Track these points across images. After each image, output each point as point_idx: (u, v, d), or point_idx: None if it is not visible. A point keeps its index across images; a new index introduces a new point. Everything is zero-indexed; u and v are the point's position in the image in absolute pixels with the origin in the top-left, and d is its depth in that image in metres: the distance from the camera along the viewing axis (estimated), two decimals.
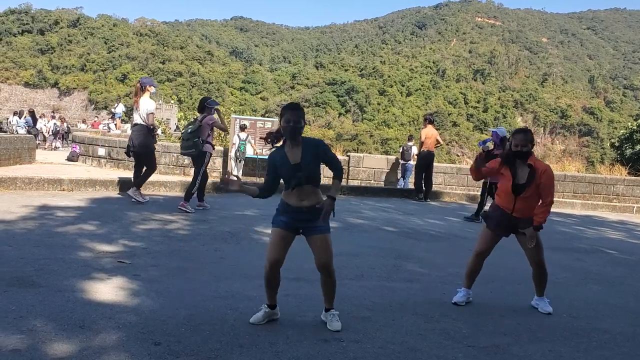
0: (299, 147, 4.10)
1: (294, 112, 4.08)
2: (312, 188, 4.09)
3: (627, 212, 15.46)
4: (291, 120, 4.03)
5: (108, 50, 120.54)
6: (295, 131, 4.05)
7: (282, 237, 4.11)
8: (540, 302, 5.20)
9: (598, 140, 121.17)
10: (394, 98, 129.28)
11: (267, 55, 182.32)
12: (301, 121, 4.08)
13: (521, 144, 4.93)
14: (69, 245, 6.13)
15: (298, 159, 4.06)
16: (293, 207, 4.09)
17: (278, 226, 4.14)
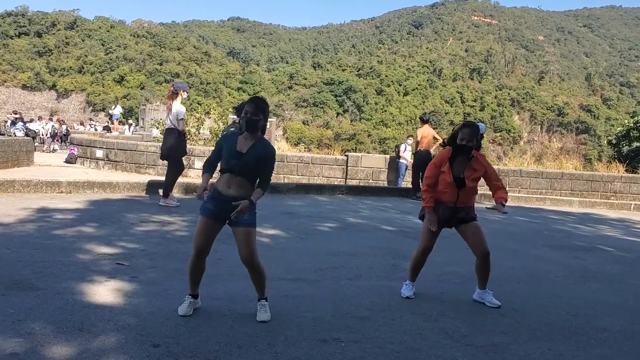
0: (253, 140, 4.18)
1: (253, 104, 4.17)
2: (243, 181, 4.15)
3: (624, 210, 15.49)
4: (248, 112, 4.14)
5: (105, 52, 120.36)
6: (250, 123, 4.14)
7: (208, 226, 4.23)
8: (485, 296, 5.20)
9: (595, 137, 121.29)
10: (392, 97, 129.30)
11: (264, 55, 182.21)
12: (259, 114, 4.14)
13: (467, 138, 4.95)
14: (67, 247, 6.12)
15: (244, 149, 4.14)
16: (220, 194, 4.18)
17: (205, 215, 4.24)
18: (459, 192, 5.03)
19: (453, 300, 5.27)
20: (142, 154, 15.13)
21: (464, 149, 4.98)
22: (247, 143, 4.17)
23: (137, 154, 15.17)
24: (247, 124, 4.15)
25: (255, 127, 4.17)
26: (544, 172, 17.46)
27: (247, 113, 4.14)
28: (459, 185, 5.01)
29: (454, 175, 5.01)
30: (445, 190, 5.08)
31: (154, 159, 15.01)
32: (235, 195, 4.13)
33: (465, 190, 5.04)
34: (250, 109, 4.14)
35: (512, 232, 9.47)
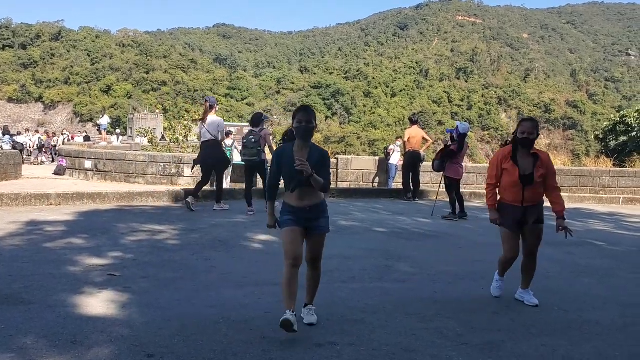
0: (307, 150, 4.21)
1: (306, 113, 4.21)
2: (311, 189, 4.19)
3: (614, 204, 15.59)
4: (303, 120, 4.17)
5: (91, 62, 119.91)
6: (307, 131, 4.19)
7: (296, 233, 4.19)
8: (526, 295, 5.25)
9: (582, 133, 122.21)
10: (379, 99, 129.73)
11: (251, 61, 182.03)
12: (313, 122, 4.21)
13: (528, 131, 4.99)
14: (58, 260, 6.08)
15: (304, 159, 4.11)
16: (296, 207, 4.21)
17: (288, 225, 4.21)
18: (524, 191, 5.02)
19: (447, 300, 5.28)
20: (131, 164, 15.08)
21: (526, 142, 5.01)
22: (304, 153, 4.19)
23: (126, 164, 15.11)
24: (305, 133, 4.20)
25: (312, 135, 4.25)
26: None
27: (301, 122, 4.17)
28: (525, 183, 5.00)
29: (520, 172, 5.01)
30: (509, 189, 5.09)
31: (143, 168, 14.97)
32: (311, 205, 4.24)
33: (532, 188, 5.03)
34: (304, 118, 4.18)
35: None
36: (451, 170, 10.86)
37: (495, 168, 5.17)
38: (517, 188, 5.02)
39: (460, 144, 10.83)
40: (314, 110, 4.34)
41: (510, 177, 5.03)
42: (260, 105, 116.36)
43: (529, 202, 5.04)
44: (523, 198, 5.03)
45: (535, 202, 5.08)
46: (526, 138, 5.00)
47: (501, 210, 5.20)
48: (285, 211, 4.28)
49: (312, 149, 4.24)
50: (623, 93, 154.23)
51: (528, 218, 5.10)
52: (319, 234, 4.31)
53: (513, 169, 5.02)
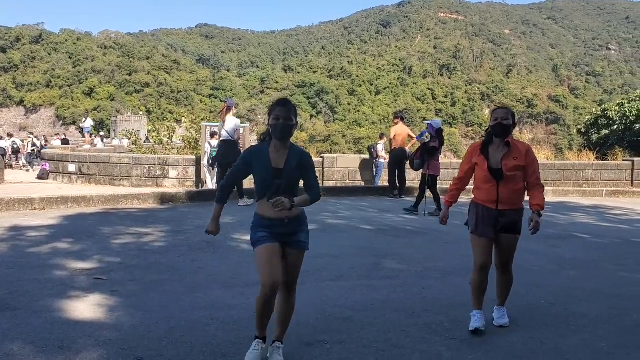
0: (285, 151, 3.59)
1: (284, 108, 3.55)
2: (290, 198, 3.51)
3: (597, 196, 15.75)
4: (281, 117, 3.51)
5: (73, 65, 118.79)
6: (286, 130, 3.53)
7: (272, 251, 3.52)
8: (496, 312, 4.56)
9: (565, 127, 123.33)
10: (364, 97, 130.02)
11: (234, 61, 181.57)
12: (292, 118, 3.56)
13: (501, 117, 4.32)
14: (43, 265, 6.02)
15: (281, 164, 3.55)
16: (272, 219, 3.55)
17: (263, 242, 3.54)
18: (498, 189, 4.30)
19: (435, 296, 5.31)
20: (115, 166, 14.97)
21: (499, 128, 4.33)
22: (281, 155, 3.57)
23: (111, 166, 15.00)
24: (283, 132, 3.53)
25: (291, 133, 3.59)
26: None
27: (279, 118, 3.51)
28: (497, 177, 4.30)
29: (490, 166, 4.34)
30: (482, 186, 4.40)
31: (128, 171, 14.87)
32: (290, 217, 3.57)
33: (507, 185, 4.28)
34: (282, 114, 3.52)
35: None
36: (433, 167, 10.94)
37: (466, 162, 4.57)
38: (490, 185, 4.31)
39: (440, 139, 10.92)
40: (294, 105, 3.68)
41: (480, 171, 4.39)
42: (244, 105, 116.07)
43: (505, 203, 4.30)
44: (498, 198, 4.30)
45: (513, 206, 4.34)
46: (499, 124, 4.30)
47: (472, 212, 4.51)
48: (258, 225, 3.59)
49: (292, 151, 3.61)
50: (604, 87, 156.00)
51: (503, 224, 4.36)
52: (298, 250, 3.64)
53: (482, 161, 4.38)
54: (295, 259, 3.66)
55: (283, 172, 3.54)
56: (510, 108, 4.53)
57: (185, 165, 15.06)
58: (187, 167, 15.03)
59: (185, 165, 15.06)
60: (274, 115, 3.54)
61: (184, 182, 14.92)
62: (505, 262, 4.48)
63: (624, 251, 7.85)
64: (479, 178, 4.45)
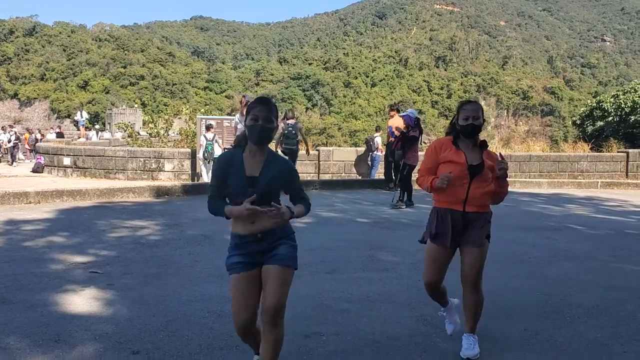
0: (262, 157, 3.08)
1: (265, 107, 3.05)
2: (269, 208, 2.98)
3: (592, 188, 15.81)
4: (260, 117, 3.01)
5: (67, 57, 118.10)
6: (264, 132, 3.02)
7: (246, 282, 3.04)
8: (465, 340, 3.83)
9: (560, 119, 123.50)
10: (359, 89, 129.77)
11: (229, 53, 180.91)
12: (273, 120, 3.05)
13: (472, 115, 3.78)
14: (39, 258, 6.01)
15: (256, 171, 3.03)
16: (245, 237, 3.05)
17: (237, 271, 3.06)
18: (470, 187, 3.74)
19: None
20: (110, 159, 14.94)
21: (471, 128, 3.78)
22: (257, 161, 3.06)
23: (106, 160, 14.97)
24: (261, 135, 3.02)
25: (270, 137, 3.10)
26: (513, 155, 17.74)
27: (257, 119, 3.01)
28: (474, 174, 3.74)
29: (468, 161, 3.77)
30: (451, 183, 3.72)
31: (123, 164, 14.84)
32: (266, 230, 3.03)
33: (480, 185, 3.74)
34: (262, 114, 3.01)
35: None
36: (412, 157, 10.93)
37: (430, 160, 3.91)
38: (462, 182, 3.73)
39: (419, 128, 10.95)
40: (275, 105, 3.16)
41: (454, 167, 3.73)
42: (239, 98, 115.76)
43: (472, 205, 3.75)
44: (467, 198, 3.74)
45: (480, 209, 3.79)
46: (470, 124, 3.77)
47: (432, 219, 3.90)
48: (231, 247, 3.12)
49: (270, 159, 3.09)
50: (599, 79, 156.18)
51: (469, 229, 3.79)
52: (278, 267, 3.00)
53: (458, 156, 3.78)
54: (275, 277, 2.99)
55: (258, 180, 3.01)
56: (479, 102, 4.04)
57: (180, 159, 15.04)
58: (182, 160, 15.01)
59: (180, 159, 15.04)
60: (252, 115, 3.03)
61: (179, 175, 14.91)
62: (474, 277, 3.81)
63: (619, 242, 7.89)
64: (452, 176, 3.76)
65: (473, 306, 3.86)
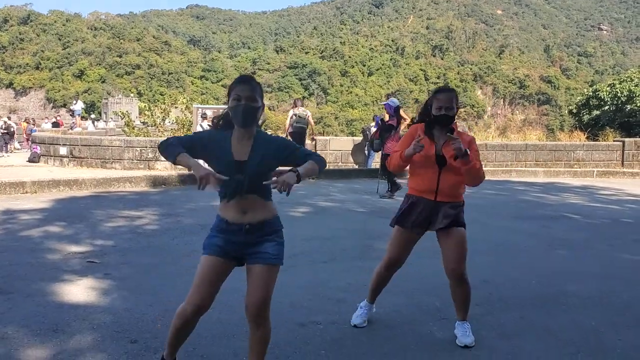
0: (250, 139, 2.85)
1: (247, 85, 2.81)
2: (258, 199, 2.86)
3: (588, 177, 15.86)
4: (242, 96, 2.77)
5: (63, 46, 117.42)
6: (248, 112, 2.78)
7: (214, 269, 2.90)
8: (458, 329, 3.90)
9: (556, 108, 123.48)
10: (356, 79, 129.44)
11: (225, 42, 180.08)
12: (257, 99, 2.82)
13: (445, 105, 3.70)
14: (35, 248, 6.02)
15: (245, 155, 2.81)
16: (233, 225, 2.88)
17: (210, 252, 2.92)
18: (440, 177, 3.73)
19: (426, 276, 5.36)
20: (107, 149, 14.90)
21: (444, 119, 3.71)
22: (245, 145, 2.84)
23: (102, 149, 14.93)
24: (245, 115, 2.78)
25: (255, 118, 2.84)
26: (509, 144, 17.77)
27: (239, 98, 2.77)
28: (442, 164, 3.71)
29: (437, 151, 3.74)
30: (422, 171, 3.78)
31: (120, 153, 14.81)
32: (255, 223, 2.86)
33: (450, 176, 3.72)
34: (244, 93, 2.78)
35: (479, 205, 9.63)
36: (392, 146, 10.86)
37: (404, 144, 3.81)
38: (432, 171, 3.73)
39: (398, 117, 10.90)
40: (259, 83, 2.91)
41: (424, 155, 3.69)
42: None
43: (444, 195, 3.75)
44: (437, 188, 3.73)
45: (452, 198, 3.79)
46: (443, 115, 3.70)
47: (404, 203, 3.93)
48: (215, 228, 2.97)
49: (258, 140, 2.86)
50: (595, 67, 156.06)
51: (440, 218, 3.80)
52: (263, 266, 2.86)
53: (429, 145, 3.70)
54: (260, 276, 2.86)
55: (247, 165, 2.79)
56: (453, 90, 3.90)
57: None
58: None
59: None
60: (234, 95, 2.79)
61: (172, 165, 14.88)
62: (458, 267, 3.81)
63: (614, 231, 7.92)
64: (418, 163, 3.79)
65: (461, 296, 3.89)
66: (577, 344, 3.83)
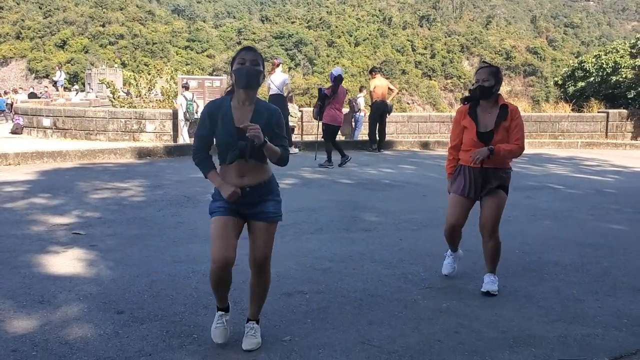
0: (251, 106, 3.10)
1: (250, 52, 3.10)
2: (257, 164, 3.10)
3: (572, 148, 15.99)
4: (247, 60, 3.04)
5: (44, 15, 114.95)
6: (252, 75, 3.03)
7: (227, 226, 3.11)
8: (486, 278, 4.30)
9: (542, 79, 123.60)
10: (343, 49, 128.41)
11: (210, 11, 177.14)
12: (259, 63, 3.09)
13: (482, 78, 4.13)
14: (20, 220, 5.98)
15: (246, 121, 3.03)
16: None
17: (220, 214, 3.13)
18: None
19: (411, 247, 5.41)
20: (91, 120, 14.75)
21: (480, 90, 4.13)
22: (246, 111, 3.08)
23: (86, 121, 14.78)
24: (249, 77, 3.02)
25: (258, 81, 3.10)
26: None
27: (244, 62, 3.03)
28: (485, 141, 4.12)
29: (479, 130, 4.17)
30: (468, 149, 4.20)
31: (104, 125, 14.67)
32: (254, 185, 3.12)
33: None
34: (247, 57, 3.04)
35: None
36: (327, 116, 10.81)
37: (456, 127, 4.36)
38: (477, 148, 4.14)
39: (334, 88, 10.80)
40: (260, 54, 3.19)
41: (468, 135, 4.21)
42: (220, 57, 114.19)
43: (489, 163, 4.14)
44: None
45: (498, 164, 4.20)
46: (480, 86, 4.13)
47: (460, 174, 4.33)
48: (217, 194, 3.17)
49: (259, 107, 3.11)
50: (582, 39, 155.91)
51: (488, 182, 4.23)
52: (266, 223, 3.15)
53: (471, 125, 4.20)
54: (262, 233, 3.16)
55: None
56: (493, 66, 4.27)
57: (162, 119, 14.88)
58: (164, 121, 14.86)
59: (162, 119, 14.88)
60: (239, 59, 3.05)
61: (161, 136, 14.78)
62: (491, 226, 4.22)
63: (597, 201, 8.03)
64: (467, 141, 4.25)
65: (491, 250, 4.30)
66: (558, 311, 3.91)
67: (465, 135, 4.27)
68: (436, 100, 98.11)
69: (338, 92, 10.75)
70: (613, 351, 3.31)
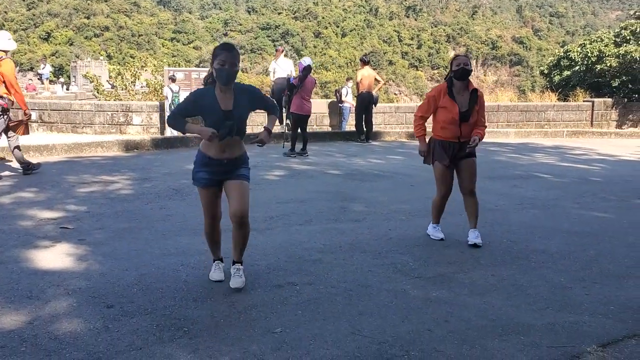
0: (231, 92, 3.78)
1: (230, 53, 3.68)
2: (237, 139, 3.82)
3: (558, 137, 16.09)
4: (226, 62, 3.64)
5: (27, 7, 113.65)
6: (231, 75, 3.69)
7: (211, 195, 3.92)
8: (470, 234, 5.18)
9: (528, 69, 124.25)
10: (330, 40, 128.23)
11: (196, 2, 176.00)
12: (237, 64, 3.70)
13: (463, 62, 4.95)
14: (6, 215, 5.93)
15: (230, 105, 3.75)
16: (212, 158, 3.81)
17: (202, 185, 3.89)
18: (461, 127, 5.01)
19: (400, 237, 5.44)
20: (77, 113, 14.62)
21: (462, 72, 4.94)
22: (227, 97, 3.76)
23: (72, 114, 14.64)
24: (229, 77, 3.69)
25: (234, 79, 3.76)
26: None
27: (224, 63, 3.64)
28: (463, 120, 4.99)
29: (461, 110, 4.98)
30: (447, 126, 5.04)
31: (90, 118, 14.55)
32: (232, 158, 3.83)
33: (468, 124, 5.02)
34: (228, 59, 3.64)
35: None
36: (294, 105, 10.88)
37: (431, 103, 5.12)
38: (455, 125, 5.00)
39: (301, 77, 10.85)
40: (238, 50, 3.84)
41: (449, 114, 5.01)
42: (207, 49, 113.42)
43: (465, 137, 5.05)
44: (460, 134, 5.03)
45: (468, 137, 5.06)
46: (462, 68, 4.93)
47: (436, 148, 5.16)
48: (199, 163, 3.87)
49: (237, 92, 3.80)
50: (567, 28, 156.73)
51: (462, 151, 5.09)
52: (240, 180, 3.85)
53: (452, 105, 5.00)
54: (238, 188, 3.82)
55: (233, 113, 3.73)
56: (468, 55, 5.23)
57: (149, 112, 14.79)
58: (151, 114, 14.76)
59: (149, 112, 14.79)
60: (219, 60, 3.64)
61: (148, 128, 14.68)
62: (471, 185, 5.15)
63: (583, 190, 8.10)
64: (445, 119, 5.03)
65: (473, 206, 5.20)
66: (546, 299, 3.95)
67: (442, 114, 5.06)
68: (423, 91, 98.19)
69: (305, 82, 10.82)
70: (600, 338, 3.35)
